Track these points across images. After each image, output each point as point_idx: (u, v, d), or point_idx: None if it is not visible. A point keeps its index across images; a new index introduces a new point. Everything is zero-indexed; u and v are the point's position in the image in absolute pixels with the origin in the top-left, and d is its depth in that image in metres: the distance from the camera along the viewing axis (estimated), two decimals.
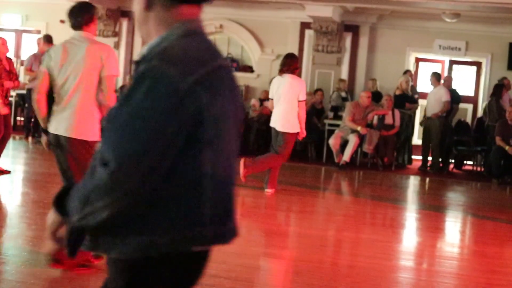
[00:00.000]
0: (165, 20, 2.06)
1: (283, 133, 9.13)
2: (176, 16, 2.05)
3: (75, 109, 5.01)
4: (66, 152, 5.04)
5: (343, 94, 14.62)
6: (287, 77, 9.13)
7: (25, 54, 15.06)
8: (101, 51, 5.04)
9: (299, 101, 9.06)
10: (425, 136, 13.47)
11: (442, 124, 13.16)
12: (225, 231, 2.09)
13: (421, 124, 14.05)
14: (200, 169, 1.99)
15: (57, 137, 5.06)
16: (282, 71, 9.23)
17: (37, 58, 12.75)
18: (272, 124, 9.34)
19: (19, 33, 16.93)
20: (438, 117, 13.09)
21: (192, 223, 2.00)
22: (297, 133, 9.18)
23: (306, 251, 6.55)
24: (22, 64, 14.39)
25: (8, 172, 9.45)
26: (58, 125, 5.04)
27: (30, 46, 13.93)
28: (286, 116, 9.11)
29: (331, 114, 14.15)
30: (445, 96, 13.12)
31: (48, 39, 12.16)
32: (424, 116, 13.64)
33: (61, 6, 17.86)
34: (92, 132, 5.03)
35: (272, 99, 9.40)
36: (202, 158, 1.99)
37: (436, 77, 13.46)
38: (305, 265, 5.95)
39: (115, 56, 5.22)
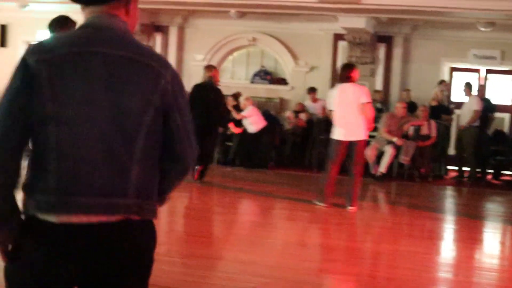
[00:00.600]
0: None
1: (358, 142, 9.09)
2: (85, 15, 2.39)
3: None
4: None
5: (379, 105, 14.56)
6: (340, 87, 9.20)
7: None
8: None
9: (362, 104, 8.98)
10: (459, 147, 13.34)
11: (476, 134, 13.02)
12: (69, 202, 2.18)
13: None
14: (44, 142, 2.19)
15: None
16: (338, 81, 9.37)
17: None
18: (347, 137, 9.14)
19: None
20: (471, 127, 12.96)
21: (39, 190, 2.20)
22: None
23: (344, 264, 6.53)
24: None
25: None
26: None
27: None
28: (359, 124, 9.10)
29: None
30: (475, 105, 12.99)
31: None
32: (458, 126, 13.53)
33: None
34: None
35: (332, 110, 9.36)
36: (47, 132, 2.18)
37: (468, 87, 13.34)
38: (343, 278, 5.92)
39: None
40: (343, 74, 9.29)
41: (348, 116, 9.02)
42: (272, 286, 5.44)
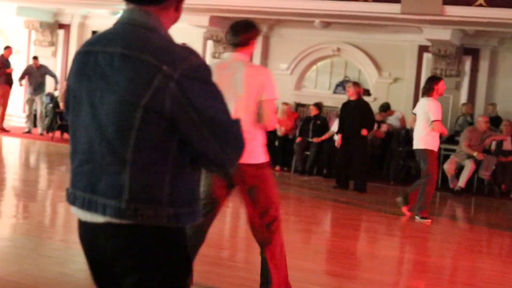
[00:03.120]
0: None
1: (421, 150, 9.29)
2: None
3: None
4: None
5: (469, 118, 14.31)
6: (422, 100, 9.45)
7: None
8: (259, 75, 4.73)
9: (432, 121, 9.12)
10: None
11: None
12: (75, 196, 2.29)
13: None
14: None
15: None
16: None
17: None
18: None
19: None
20: None
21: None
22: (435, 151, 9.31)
23: (418, 279, 6.50)
24: None
25: None
26: None
27: None
28: (417, 134, 9.35)
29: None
30: None
31: None
32: None
33: (183, 30, 18.71)
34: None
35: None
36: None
37: None
38: None
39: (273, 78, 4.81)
40: (427, 86, 9.35)
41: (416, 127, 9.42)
42: None
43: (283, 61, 16.84)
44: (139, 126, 2.12)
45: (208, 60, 16.77)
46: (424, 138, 9.22)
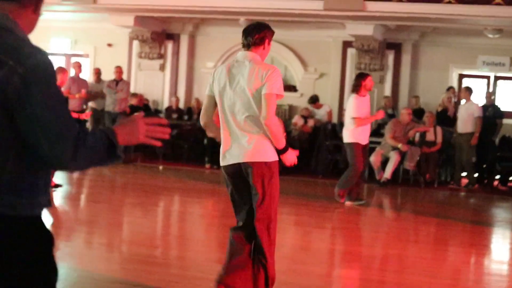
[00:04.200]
0: None
1: (347, 144, 9.99)
2: None
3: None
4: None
5: (390, 111, 14.63)
6: (350, 97, 10.12)
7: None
8: (263, 71, 4.72)
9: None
10: (457, 153, 13.30)
11: (469, 140, 13.00)
12: None
13: None
14: None
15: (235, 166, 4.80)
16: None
17: (74, 81, 13.56)
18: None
19: (68, 57, 17.43)
20: (468, 133, 12.99)
21: None
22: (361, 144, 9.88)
23: (351, 269, 6.64)
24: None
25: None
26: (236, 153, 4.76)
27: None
28: (345, 129, 10.04)
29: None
30: (477, 112, 13.07)
31: None
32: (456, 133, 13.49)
33: (108, 31, 18.46)
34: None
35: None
36: None
37: (468, 91, 13.33)
38: (350, 283, 6.02)
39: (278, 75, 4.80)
40: (355, 83, 9.93)
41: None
42: None
43: (210, 59, 16.86)
44: None
45: (134, 60, 16.66)
46: (350, 132, 9.80)
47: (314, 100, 15.08)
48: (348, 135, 9.85)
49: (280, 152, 4.79)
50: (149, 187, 11.27)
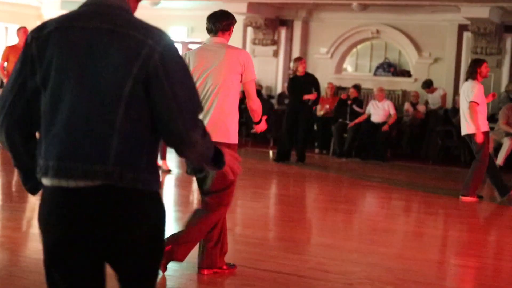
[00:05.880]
0: None
1: (469, 136, 9.42)
2: None
3: (213, 113, 5.00)
4: None
5: (511, 95, 14.16)
6: (465, 84, 9.60)
7: None
8: (240, 56, 5.06)
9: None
10: None
11: None
12: (55, 166, 2.34)
13: None
14: (40, 111, 2.41)
15: None
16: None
17: None
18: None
19: (185, 44, 17.95)
20: None
21: (39, 156, 2.40)
22: (485, 132, 9.40)
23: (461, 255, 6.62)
24: None
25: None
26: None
27: None
28: (463, 119, 9.43)
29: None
30: None
31: None
32: None
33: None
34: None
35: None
36: (40, 102, 2.40)
37: None
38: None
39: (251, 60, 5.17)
40: (470, 70, 9.48)
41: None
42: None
43: (323, 45, 16.89)
44: (129, 95, 2.31)
45: (248, 46, 16.95)
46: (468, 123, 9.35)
47: (428, 84, 14.85)
48: (469, 125, 9.33)
49: (255, 123, 5.46)
50: (258, 172, 11.44)
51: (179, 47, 17.37)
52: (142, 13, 14.82)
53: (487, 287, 5.62)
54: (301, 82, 12.28)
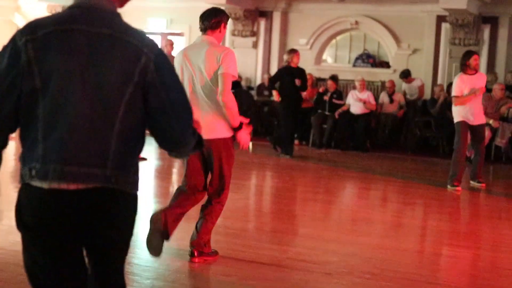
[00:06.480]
0: None
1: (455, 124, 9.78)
2: None
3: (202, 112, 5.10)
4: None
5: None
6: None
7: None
8: (218, 53, 5.09)
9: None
10: None
11: None
12: (56, 170, 2.35)
13: None
14: (34, 113, 2.38)
15: None
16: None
17: None
18: None
19: (164, 36, 17.88)
20: None
21: (31, 159, 2.39)
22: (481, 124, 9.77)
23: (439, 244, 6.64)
24: None
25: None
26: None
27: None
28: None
29: None
30: None
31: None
32: None
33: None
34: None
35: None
36: (36, 104, 2.38)
37: None
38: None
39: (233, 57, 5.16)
40: (460, 62, 9.71)
41: None
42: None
43: (302, 36, 16.91)
44: (129, 99, 2.39)
45: (228, 38, 16.90)
46: (454, 112, 9.67)
47: (406, 74, 14.92)
48: (454, 114, 9.69)
49: (235, 129, 5.19)
50: (237, 163, 11.40)
51: (157, 39, 17.34)
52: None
53: (466, 275, 5.69)
54: (293, 73, 12.28)
